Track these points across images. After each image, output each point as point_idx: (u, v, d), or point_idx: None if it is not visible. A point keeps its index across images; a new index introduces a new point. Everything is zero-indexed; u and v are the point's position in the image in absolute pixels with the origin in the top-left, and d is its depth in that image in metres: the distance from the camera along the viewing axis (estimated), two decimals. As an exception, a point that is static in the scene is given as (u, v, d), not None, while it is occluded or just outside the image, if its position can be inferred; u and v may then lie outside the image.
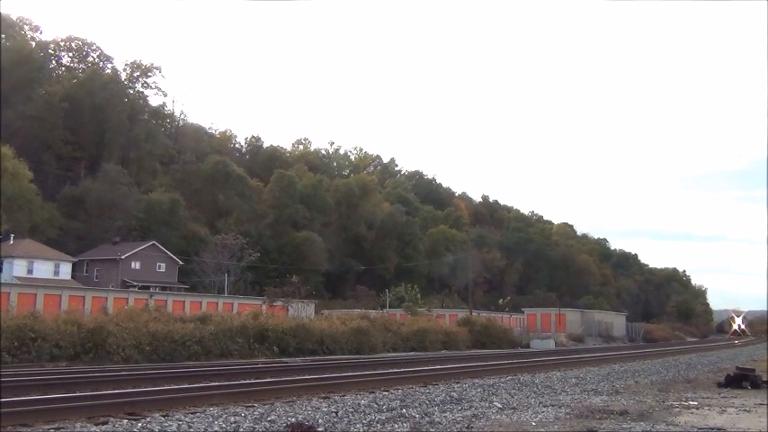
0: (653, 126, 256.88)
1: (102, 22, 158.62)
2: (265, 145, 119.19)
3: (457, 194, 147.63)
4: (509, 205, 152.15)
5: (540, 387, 18.19)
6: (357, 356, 32.13)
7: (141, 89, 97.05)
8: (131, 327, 26.62)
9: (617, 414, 12.91)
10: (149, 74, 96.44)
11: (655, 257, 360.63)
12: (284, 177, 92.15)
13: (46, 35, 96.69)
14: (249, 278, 70.01)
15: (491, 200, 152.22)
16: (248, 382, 16.85)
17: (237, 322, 31.45)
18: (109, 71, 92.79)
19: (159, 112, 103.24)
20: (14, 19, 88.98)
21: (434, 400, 14.40)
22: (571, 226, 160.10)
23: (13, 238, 61.55)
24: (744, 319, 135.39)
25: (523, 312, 76.41)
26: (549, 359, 31.03)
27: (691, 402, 15.53)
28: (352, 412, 12.19)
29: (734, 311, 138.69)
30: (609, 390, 18.20)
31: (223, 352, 28.86)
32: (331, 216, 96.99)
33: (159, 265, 71.15)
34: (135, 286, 64.41)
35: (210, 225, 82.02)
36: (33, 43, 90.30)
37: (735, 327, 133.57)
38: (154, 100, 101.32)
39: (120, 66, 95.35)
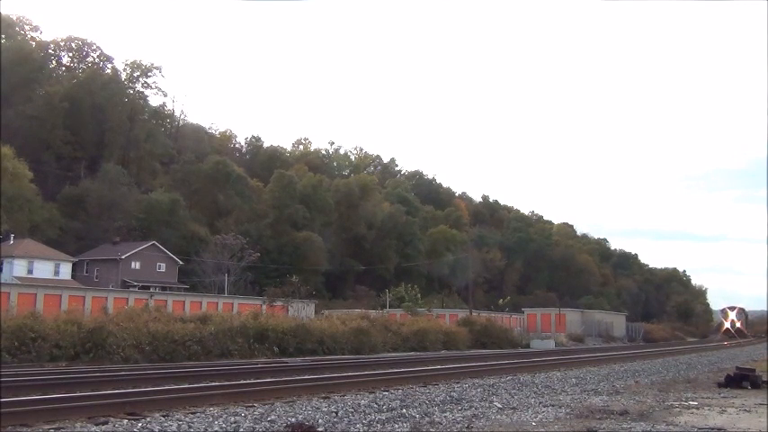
0: (653, 126, 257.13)
1: (102, 22, 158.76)
2: (265, 145, 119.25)
3: (457, 194, 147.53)
4: (509, 205, 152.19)
5: (540, 387, 18.18)
6: (357, 356, 32.13)
7: (141, 89, 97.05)
8: (131, 327, 26.61)
9: (617, 414, 12.91)
10: (149, 74, 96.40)
11: (655, 257, 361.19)
12: (284, 177, 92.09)
13: (46, 35, 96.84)
14: (249, 278, 70.01)
15: (491, 200, 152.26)
16: (248, 382, 16.85)
17: (237, 322, 31.45)
18: (109, 71, 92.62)
19: (159, 112, 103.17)
20: (14, 19, 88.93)
21: (434, 400, 14.40)
22: (571, 226, 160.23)
23: (13, 238, 61.57)
24: (740, 314, 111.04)
25: (523, 312, 76.37)
26: (549, 359, 31.01)
27: (691, 402, 15.53)
28: (352, 412, 12.19)
29: (728, 307, 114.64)
30: (609, 390, 18.20)
31: (223, 352, 28.86)
32: (331, 216, 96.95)
33: (159, 265, 71.14)
34: (135, 286, 64.42)
35: (210, 225, 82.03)
36: (33, 43, 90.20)
37: (727, 324, 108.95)
38: (154, 100, 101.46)
39: (120, 66, 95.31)
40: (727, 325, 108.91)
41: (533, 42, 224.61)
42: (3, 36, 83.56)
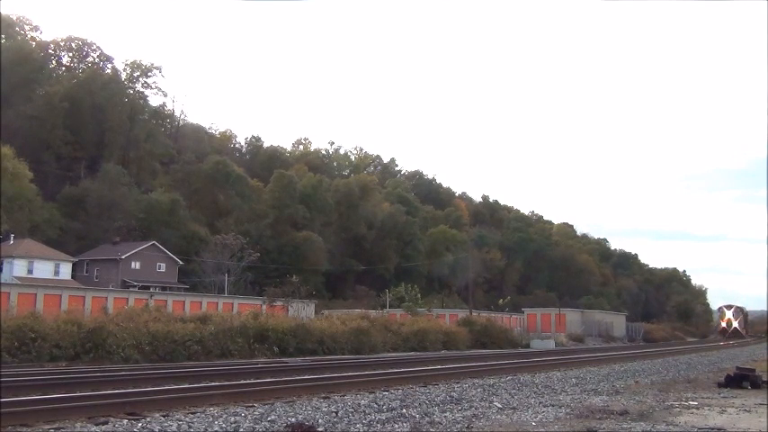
0: (653, 126, 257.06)
1: (102, 22, 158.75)
2: (265, 145, 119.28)
3: (457, 194, 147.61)
4: (509, 205, 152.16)
5: (540, 387, 18.18)
6: (357, 356, 32.13)
7: (141, 89, 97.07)
8: (131, 327, 26.61)
9: (617, 414, 12.90)
10: (149, 74, 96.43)
11: (655, 257, 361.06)
12: (284, 177, 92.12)
13: (46, 35, 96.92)
14: (249, 278, 70.03)
15: (491, 200, 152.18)
16: (248, 382, 16.86)
17: (237, 322, 31.45)
18: (109, 71, 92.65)
19: (159, 112, 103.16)
20: (14, 19, 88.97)
21: (434, 400, 14.40)
22: (571, 226, 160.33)
23: (13, 238, 61.56)
24: (737, 312, 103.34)
25: (523, 312, 76.35)
26: (549, 359, 31.01)
27: (691, 402, 15.53)
28: (352, 412, 12.19)
29: (725, 305, 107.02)
30: (609, 390, 18.20)
31: (223, 352, 28.86)
32: (331, 216, 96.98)
33: (159, 265, 71.14)
34: (135, 286, 64.42)
35: (210, 225, 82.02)
36: (33, 43, 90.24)
37: (723, 324, 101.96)
38: (154, 100, 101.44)
39: (120, 66, 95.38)
40: (723, 324, 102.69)
41: (533, 42, 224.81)
42: (3, 36, 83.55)
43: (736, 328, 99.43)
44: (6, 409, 10.33)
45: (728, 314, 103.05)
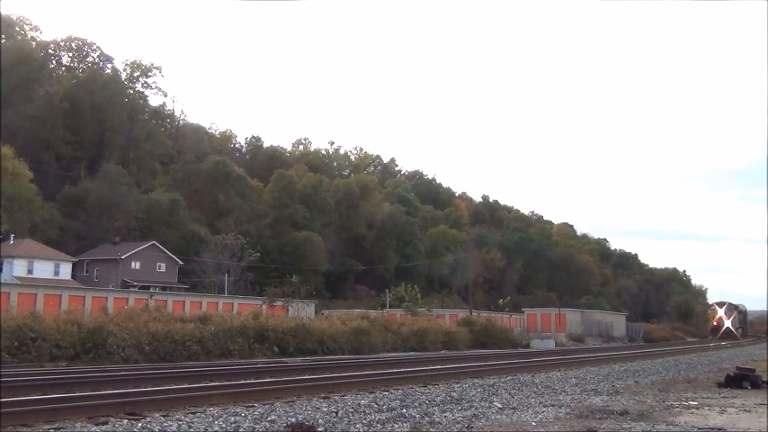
0: (653, 126, 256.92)
1: (102, 22, 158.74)
2: (265, 145, 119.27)
3: (457, 194, 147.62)
4: (509, 205, 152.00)
5: (540, 387, 18.18)
6: (357, 356, 32.14)
7: (141, 89, 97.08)
8: (131, 327, 26.64)
9: (617, 414, 12.91)
10: (149, 74, 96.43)
11: (655, 257, 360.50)
12: (284, 177, 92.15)
13: (46, 35, 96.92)
14: (249, 278, 70.03)
15: (491, 200, 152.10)
16: (248, 382, 16.86)
17: (237, 322, 31.48)
18: (109, 71, 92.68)
19: (159, 112, 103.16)
20: (14, 19, 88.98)
21: (434, 400, 14.40)
22: (571, 226, 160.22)
23: (13, 238, 61.58)
24: (730, 311, 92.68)
25: (523, 312, 76.33)
26: (549, 359, 31.01)
27: (691, 402, 15.53)
28: (352, 412, 12.19)
29: (717, 303, 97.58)
30: (609, 390, 18.20)
31: (223, 352, 28.88)
32: (331, 216, 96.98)
33: (159, 265, 71.16)
34: (135, 286, 64.43)
35: (210, 225, 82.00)
36: (33, 43, 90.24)
37: (714, 322, 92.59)
38: (154, 100, 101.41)
39: (120, 66, 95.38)
40: (714, 323, 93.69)
41: (533, 42, 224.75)
42: (3, 36, 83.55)
43: (728, 327, 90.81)
44: (6, 409, 10.33)
45: (720, 312, 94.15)
